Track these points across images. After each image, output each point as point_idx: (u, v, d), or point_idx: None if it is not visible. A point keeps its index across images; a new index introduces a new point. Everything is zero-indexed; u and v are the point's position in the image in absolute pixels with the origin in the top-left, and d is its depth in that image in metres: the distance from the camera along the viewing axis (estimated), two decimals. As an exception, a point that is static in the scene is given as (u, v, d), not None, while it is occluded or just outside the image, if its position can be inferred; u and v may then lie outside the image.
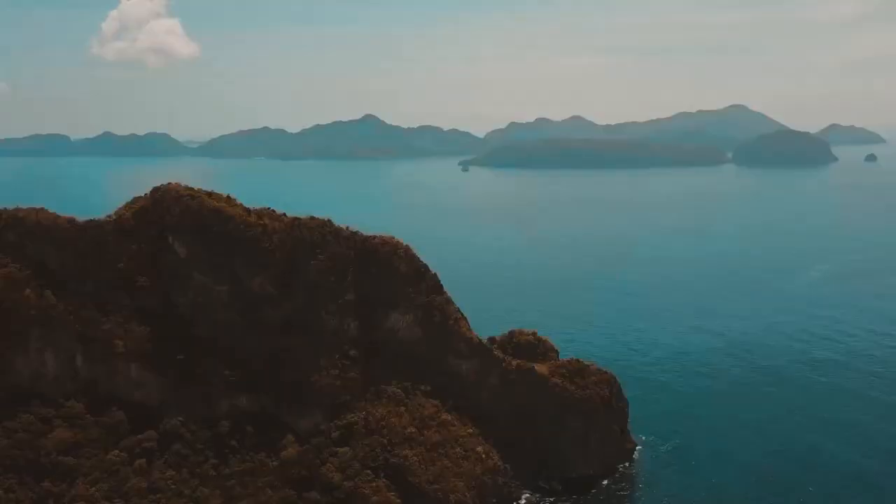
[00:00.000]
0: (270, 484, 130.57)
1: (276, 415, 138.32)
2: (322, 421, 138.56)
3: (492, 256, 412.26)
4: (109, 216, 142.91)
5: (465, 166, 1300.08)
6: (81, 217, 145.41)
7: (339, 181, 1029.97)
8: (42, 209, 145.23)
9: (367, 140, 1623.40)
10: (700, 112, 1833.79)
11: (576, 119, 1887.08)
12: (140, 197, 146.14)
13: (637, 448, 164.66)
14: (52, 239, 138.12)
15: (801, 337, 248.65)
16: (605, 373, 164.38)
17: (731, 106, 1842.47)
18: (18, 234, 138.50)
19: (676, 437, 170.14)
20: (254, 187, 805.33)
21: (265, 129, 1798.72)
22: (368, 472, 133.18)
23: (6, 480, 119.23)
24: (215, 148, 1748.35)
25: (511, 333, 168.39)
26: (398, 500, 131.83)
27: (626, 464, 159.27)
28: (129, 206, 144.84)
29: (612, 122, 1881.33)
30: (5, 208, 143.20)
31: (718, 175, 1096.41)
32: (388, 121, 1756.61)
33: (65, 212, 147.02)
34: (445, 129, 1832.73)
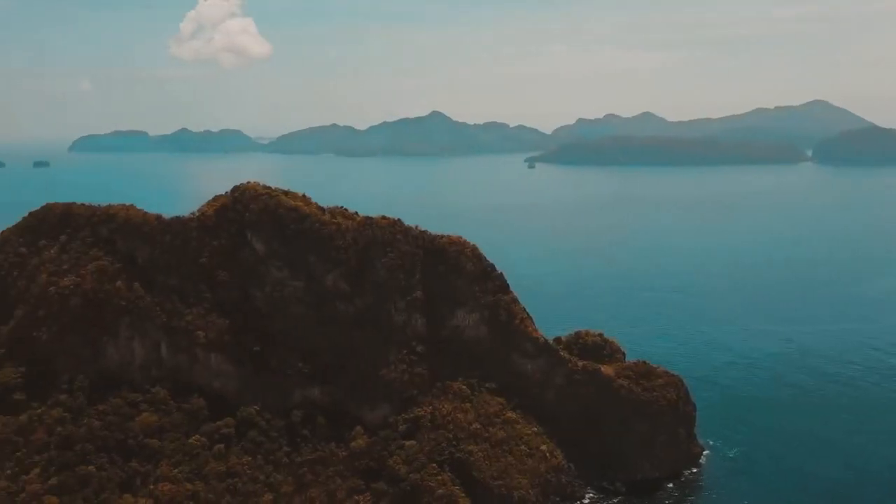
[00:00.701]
0: (340, 473, 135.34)
1: (346, 407, 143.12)
2: (390, 414, 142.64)
3: (559, 256, 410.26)
4: (193, 213, 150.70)
5: (531, 163, 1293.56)
6: (163, 213, 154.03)
7: (406, 178, 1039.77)
8: (132, 206, 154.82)
9: (433, 137, 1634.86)
10: (778, 108, 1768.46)
11: (646, 115, 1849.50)
12: (221, 195, 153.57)
13: (704, 453, 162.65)
14: (140, 235, 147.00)
15: (877, 345, 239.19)
16: (673, 376, 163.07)
17: (812, 101, 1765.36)
18: (110, 229, 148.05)
19: (745, 444, 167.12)
20: (322, 183, 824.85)
21: (334, 126, 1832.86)
22: (434, 465, 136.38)
23: (98, 459, 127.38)
24: (285, 144, 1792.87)
25: (577, 334, 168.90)
26: (462, 494, 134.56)
27: (693, 469, 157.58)
28: (210, 204, 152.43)
29: (684, 119, 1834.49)
30: (99, 205, 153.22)
31: (796, 174, 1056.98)
32: (455, 118, 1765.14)
33: (144, 205, 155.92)
34: (512, 125, 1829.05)
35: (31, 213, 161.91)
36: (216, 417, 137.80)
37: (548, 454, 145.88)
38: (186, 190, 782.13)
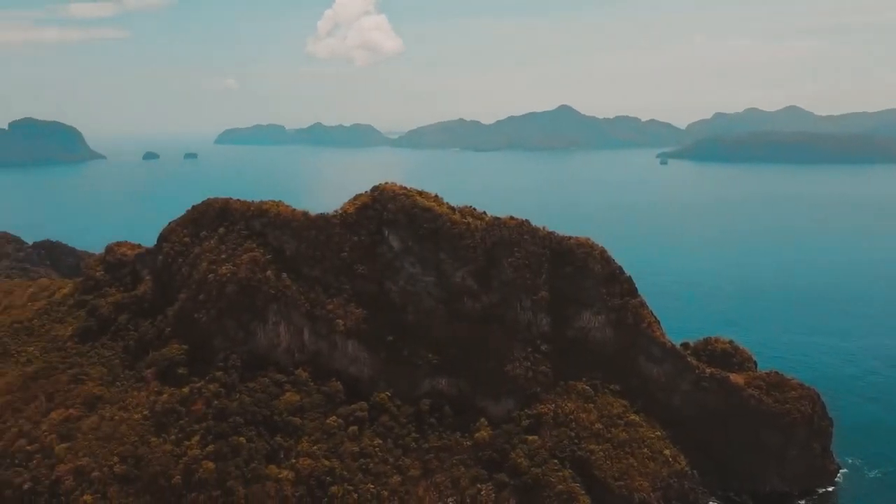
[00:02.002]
0: (464, 462, 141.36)
1: (471, 399, 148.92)
2: (513, 409, 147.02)
3: (690, 258, 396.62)
4: (336, 211, 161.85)
5: (663, 159, 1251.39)
6: (290, 202, 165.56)
7: (532, 173, 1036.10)
8: (281, 203, 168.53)
9: (561, 131, 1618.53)
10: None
11: (791, 109, 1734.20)
12: (361, 194, 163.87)
13: (841, 471, 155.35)
14: (289, 229, 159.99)
15: None
16: (808, 388, 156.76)
17: None
18: (262, 223, 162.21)
19: (887, 465, 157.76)
20: (450, 179, 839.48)
21: (461, 120, 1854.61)
22: (555, 461, 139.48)
23: (248, 431, 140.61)
24: (414, 139, 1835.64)
25: (706, 340, 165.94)
26: (582, 492, 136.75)
27: (828, 487, 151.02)
28: (351, 202, 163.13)
29: (835, 113, 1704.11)
30: (252, 201, 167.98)
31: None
32: (584, 111, 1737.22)
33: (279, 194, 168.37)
34: (644, 119, 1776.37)
35: (193, 207, 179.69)
36: (351, 401, 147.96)
37: (671, 459, 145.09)
38: (322, 183, 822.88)
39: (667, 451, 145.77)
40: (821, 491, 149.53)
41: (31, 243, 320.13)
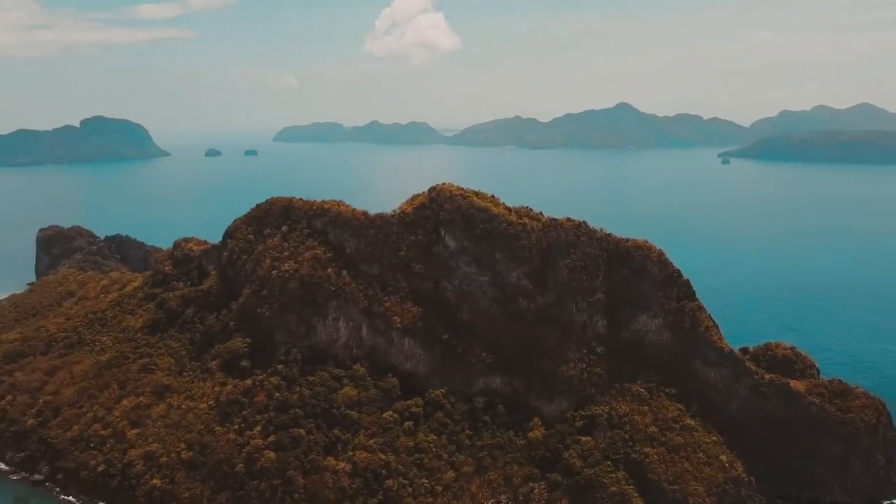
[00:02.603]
0: (516, 460, 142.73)
1: (525, 398, 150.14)
2: (567, 409, 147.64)
3: (752, 261, 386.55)
4: (394, 211, 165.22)
5: (725, 158, 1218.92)
6: (343, 199, 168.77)
7: (590, 171, 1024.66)
8: (341, 203, 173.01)
9: (620, 129, 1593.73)
10: None
11: (863, 107, 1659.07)
12: (419, 194, 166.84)
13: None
14: (349, 228, 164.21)
15: None
16: (873, 398, 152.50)
17: None
18: (324, 222, 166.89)
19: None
20: (506, 177, 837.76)
21: (517, 118, 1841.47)
22: (608, 462, 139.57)
23: (307, 424, 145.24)
24: (469, 137, 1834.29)
25: (766, 346, 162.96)
26: (635, 494, 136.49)
27: (893, 500, 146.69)
28: (409, 202, 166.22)
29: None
30: (314, 200, 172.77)
31: None
32: (643, 109, 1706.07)
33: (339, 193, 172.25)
34: (706, 117, 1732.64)
35: (258, 205, 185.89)
36: (407, 396, 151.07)
37: (727, 464, 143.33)
38: (379, 181, 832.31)
39: (723, 457, 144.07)
40: (885, 503, 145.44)
41: (102, 237, 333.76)
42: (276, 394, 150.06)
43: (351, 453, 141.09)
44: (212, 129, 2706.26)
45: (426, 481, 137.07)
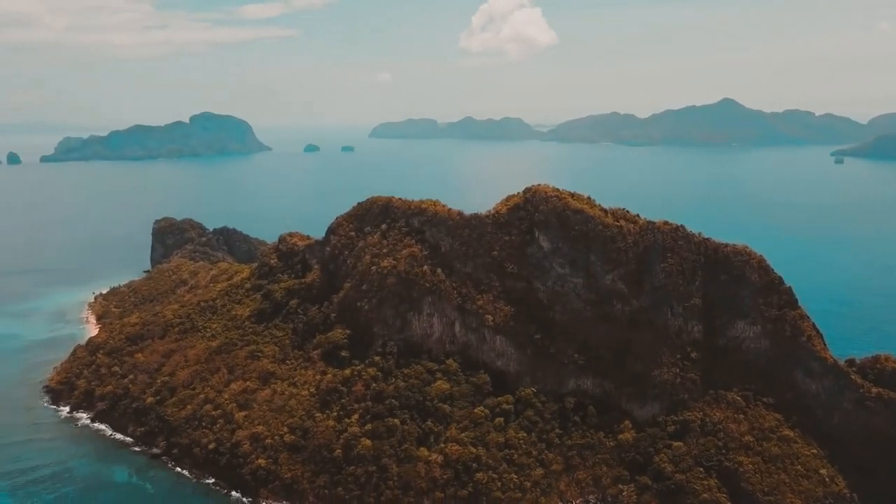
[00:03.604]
0: (606, 461, 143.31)
1: (616, 400, 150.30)
2: (659, 413, 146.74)
3: (864, 269, 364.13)
4: (489, 211, 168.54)
5: (838, 157, 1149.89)
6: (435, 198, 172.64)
7: (690, 169, 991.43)
8: (438, 202, 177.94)
9: (723, 125, 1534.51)
10: None
11: None
12: (513, 195, 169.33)
13: None
14: (445, 227, 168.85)
15: None
16: None
17: None
18: (421, 221, 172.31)
19: None
20: (600, 174, 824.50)
21: (614, 114, 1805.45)
22: (700, 469, 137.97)
23: (402, 414, 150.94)
24: (564, 132, 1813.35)
25: (875, 358, 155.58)
26: (728, 503, 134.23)
27: None
28: (504, 202, 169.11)
29: None
30: (412, 200, 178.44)
31: None
32: (749, 105, 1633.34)
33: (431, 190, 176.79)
34: (818, 113, 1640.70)
35: (359, 204, 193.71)
36: (498, 393, 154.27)
37: (827, 479, 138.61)
38: (472, 178, 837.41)
39: (823, 471, 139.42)
40: None
41: (211, 230, 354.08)
42: (373, 384, 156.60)
43: (443, 445, 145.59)
44: (310, 125, 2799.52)
45: (515, 476, 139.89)
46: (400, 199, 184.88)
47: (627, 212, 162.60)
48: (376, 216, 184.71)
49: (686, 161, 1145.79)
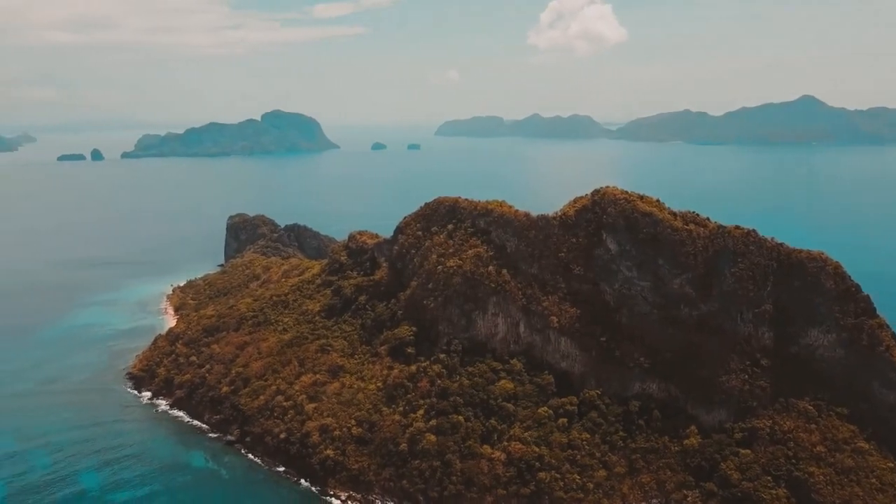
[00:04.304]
0: (670, 466, 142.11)
1: (682, 405, 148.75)
2: (726, 420, 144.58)
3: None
4: (556, 213, 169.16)
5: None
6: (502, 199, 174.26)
7: (764, 170, 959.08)
8: (504, 203, 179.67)
9: (802, 124, 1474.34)
10: None
11: None
12: (581, 197, 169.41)
13: None
14: (511, 228, 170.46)
15: None
16: None
17: None
18: (487, 222, 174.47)
19: None
20: (671, 173, 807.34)
21: (686, 112, 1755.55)
22: (769, 478, 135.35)
23: (466, 411, 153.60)
24: (633, 131, 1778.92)
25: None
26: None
27: None
28: (571, 204, 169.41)
29: None
30: (479, 200, 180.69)
31: None
32: (831, 102, 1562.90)
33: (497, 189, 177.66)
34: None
35: (426, 204, 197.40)
36: (561, 394, 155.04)
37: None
38: (538, 177, 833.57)
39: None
40: None
41: (282, 226, 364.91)
42: (438, 381, 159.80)
43: (506, 443, 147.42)
44: (377, 122, 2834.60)
45: (578, 477, 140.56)
46: (466, 199, 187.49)
47: (697, 215, 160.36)
48: (443, 216, 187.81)
49: (761, 161, 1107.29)
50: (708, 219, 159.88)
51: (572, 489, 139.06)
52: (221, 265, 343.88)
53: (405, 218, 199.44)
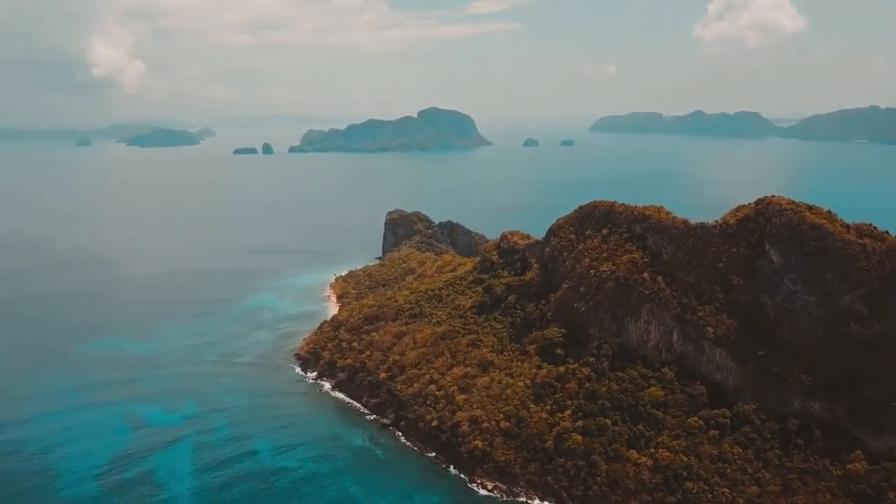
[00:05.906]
0: (830, 490, 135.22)
1: (848, 427, 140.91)
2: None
3: None
4: (716, 221, 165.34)
5: None
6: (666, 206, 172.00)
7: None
8: (662, 209, 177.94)
9: None
10: None
11: None
12: (744, 206, 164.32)
13: None
14: (668, 235, 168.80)
15: None
16: None
17: None
18: (643, 228, 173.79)
19: None
20: (846, 179, 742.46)
21: (872, 108, 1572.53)
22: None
23: (613, 415, 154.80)
24: (807, 129, 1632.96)
25: None
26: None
27: None
28: (733, 213, 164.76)
29: None
30: (636, 206, 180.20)
31: None
32: None
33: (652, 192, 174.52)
34: None
35: (580, 207, 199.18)
36: (714, 406, 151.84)
37: None
38: (697, 180, 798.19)
39: None
40: None
41: (436, 223, 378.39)
42: (587, 384, 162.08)
43: (653, 450, 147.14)
44: (530, 118, 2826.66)
45: (727, 491, 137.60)
46: (623, 204, 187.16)
47: (875, 228, 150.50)
48: (597, 220, 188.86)
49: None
50: (887, 232, 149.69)
51: (721, 502, 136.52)
52: (379, 258, 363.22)
53: (558, 220, 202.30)
